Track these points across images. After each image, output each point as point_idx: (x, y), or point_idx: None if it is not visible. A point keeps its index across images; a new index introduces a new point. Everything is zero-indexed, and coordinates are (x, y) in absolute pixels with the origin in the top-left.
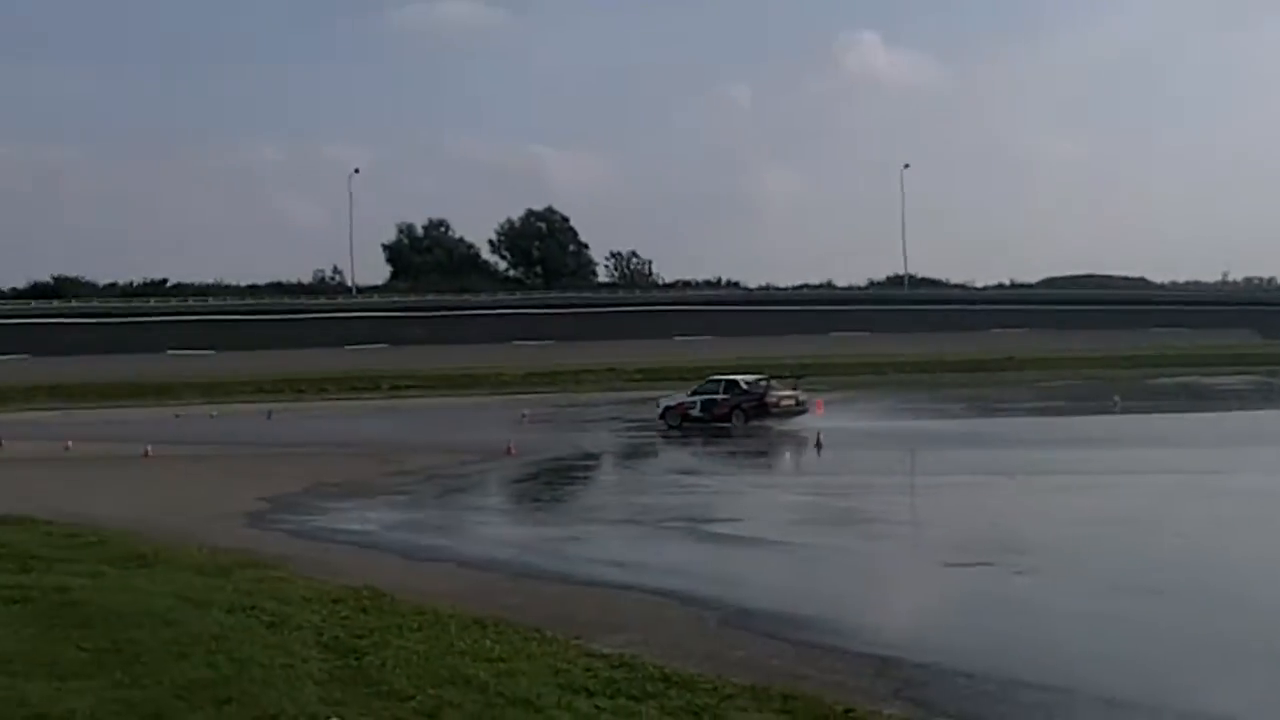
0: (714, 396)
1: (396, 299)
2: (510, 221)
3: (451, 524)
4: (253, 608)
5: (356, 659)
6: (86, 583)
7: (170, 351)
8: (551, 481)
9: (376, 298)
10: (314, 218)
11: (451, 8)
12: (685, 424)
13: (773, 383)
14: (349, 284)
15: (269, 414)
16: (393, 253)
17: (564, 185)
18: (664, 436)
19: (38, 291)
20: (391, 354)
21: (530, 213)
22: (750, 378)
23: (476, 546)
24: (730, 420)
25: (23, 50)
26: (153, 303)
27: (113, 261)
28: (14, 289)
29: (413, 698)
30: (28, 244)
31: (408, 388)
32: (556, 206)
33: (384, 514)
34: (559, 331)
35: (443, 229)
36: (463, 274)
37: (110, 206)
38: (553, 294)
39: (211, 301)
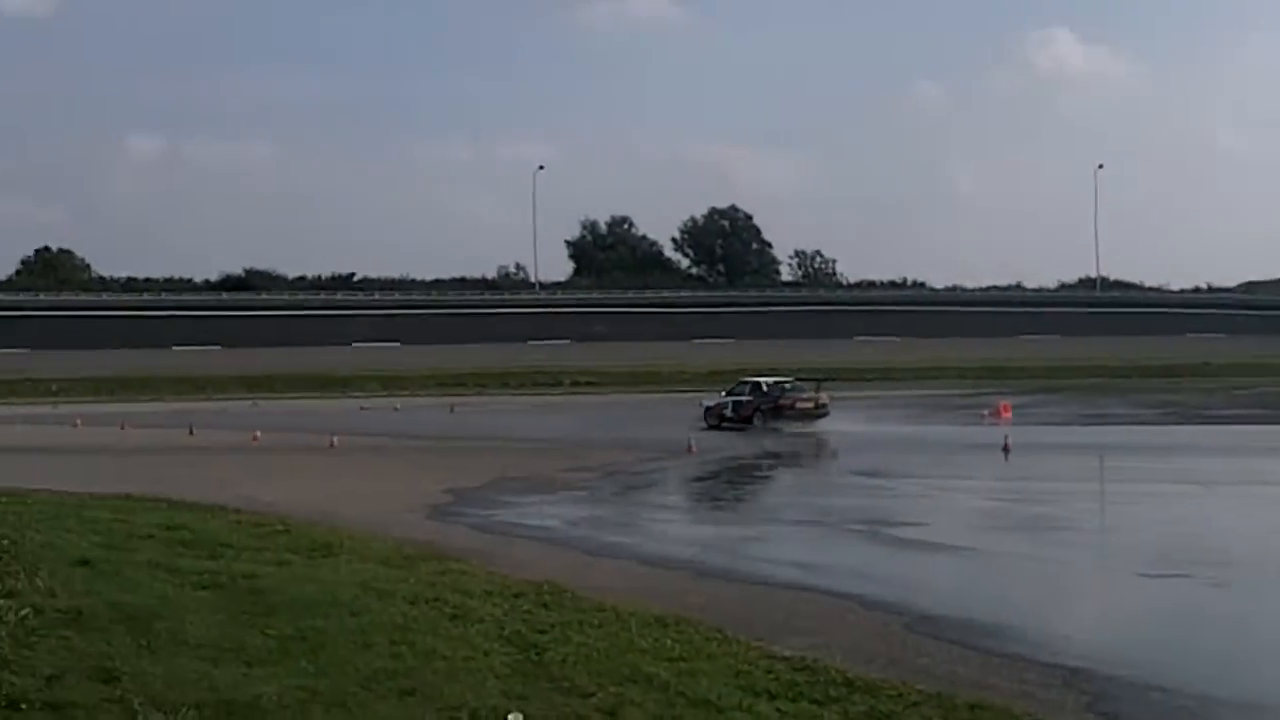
0: (742, 398)
1: (579, 295)
2: (693, 219)
3: (632, 521)
4: (436, 599)
5: (538, 654)
6: (273, 570)
7: (356, 345)
8: (732, 480)
9: (560, 294)
10: (498, 214)
11: (636, 6)
12: (723, 424)
13: (799, 386)
14: (532, 280)
15: (452, 408)
16: (576, 249)
17: (748, 183)
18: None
19: (230, 284)
20: (574, 350)
21: (714, 210)
22: (771, 380)
23: (657, 544)
24: (752, 421)
25: (218, 51)
26: (340, 296)
27: (302, 256)
28: (207, 281)
29: (594, 694)
30: (221, 238)
31: (589, 384)
32: (740, 204)
33: (565, 509)
34: (740, 330)
35: (626, 226)
36: (645, 271)
37: (300, 202)
38: (734, 292)
39: (397, 296)
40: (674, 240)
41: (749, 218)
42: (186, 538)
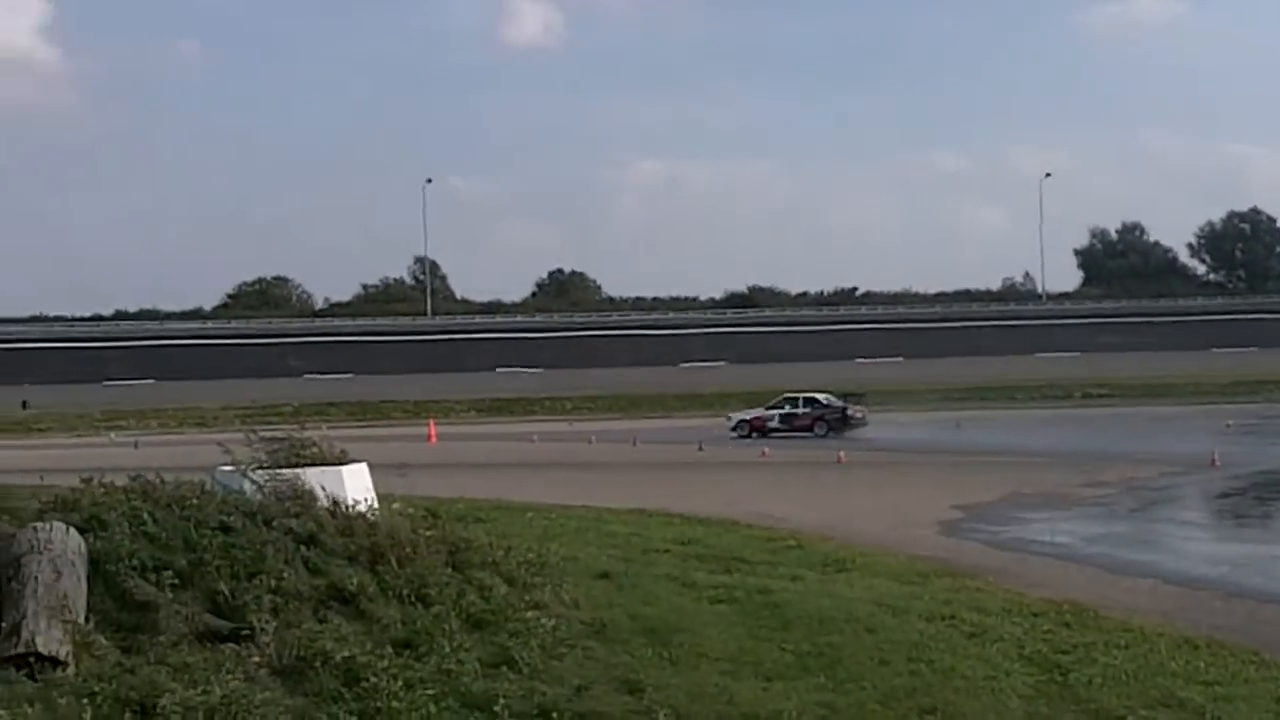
0: (794, 411)
1: (1089, 305)
2: (1210, 223)
3: (1153, 538)
4: (952, 617)
5: (1061, 674)
6: (787, 585)
7: (859, 360)
8: (1261, 496)
9: (1068, 304)
10: (1002, 224)
11: (1141, 5)
12: (760, 434)
13: (852, 398)
14: (1039, 291)
15: (958, 422)
16: (1085, 258)
17: (1270, 184)
18: None
19: (734, 302)
20: (1084, 361)
21: (1232, 214)
22: (824, 396)
23: (1182, 562)
24: (812, 430)
25: (713, 73)
26: (842, 311)
27: (805, 271)
28: (712, 299)
29: (1123, 718)
30: (724, 256)
31: (1100, 396)
32: (1261, 206)
33: (1081, 526)
34: (1263, 338)
35: (1137, 232)
36: (1158, 279)
37: (802, 218)
38: (1257, 298)
39: (900, 309)
40: (1189, 246)
41: (1272, 220)
42: (701, 552)
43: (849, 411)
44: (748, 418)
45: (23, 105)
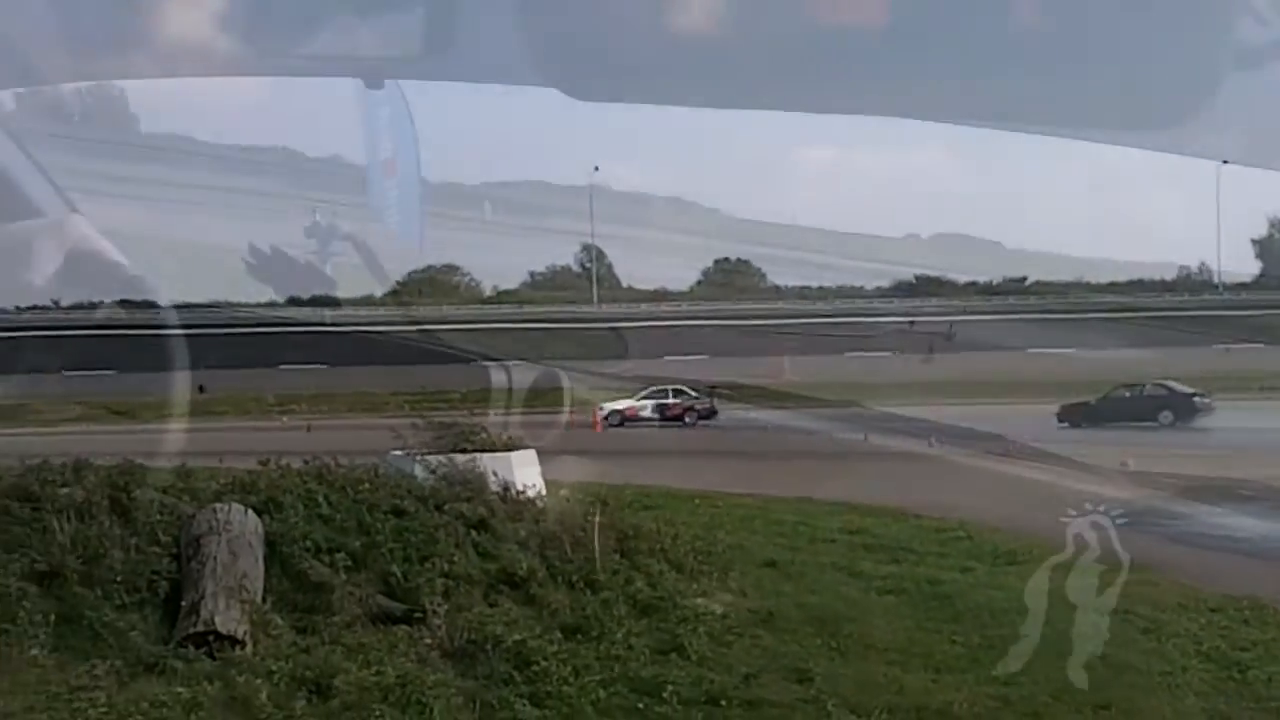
0: (665, 401)
1: (1266, 295)
2: None
3: None
4: (1127, 612)
5: (1240, 672)
6: (956, 577)
7: (1030, 350)
8: None
9: (1245, 295)
10: (1177, 213)
11: None
12: (626, 422)
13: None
14: (1215, 281)
15: None
16: (1262, 248)
17: None
18: None
19: (901, 291)
20: (1264, 354)
21: None
22: (691, 388)
23: None
24: (682, 419)
25: (878, 55)
26: (1011, 301)
27: (974, 260)
28: (879, 289)
29: None
30: (893, 245)
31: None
32: None
33: (1258, 521)
34: None
35: None
36: None
37: (972, 204)
38: None
39: (1071, 299)
40: None
41: None
42: (868, 541)
43: (714, 404)
44: (620, 408)
45: (200, 95)
